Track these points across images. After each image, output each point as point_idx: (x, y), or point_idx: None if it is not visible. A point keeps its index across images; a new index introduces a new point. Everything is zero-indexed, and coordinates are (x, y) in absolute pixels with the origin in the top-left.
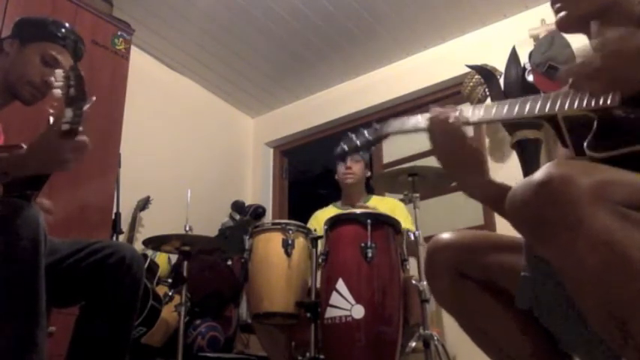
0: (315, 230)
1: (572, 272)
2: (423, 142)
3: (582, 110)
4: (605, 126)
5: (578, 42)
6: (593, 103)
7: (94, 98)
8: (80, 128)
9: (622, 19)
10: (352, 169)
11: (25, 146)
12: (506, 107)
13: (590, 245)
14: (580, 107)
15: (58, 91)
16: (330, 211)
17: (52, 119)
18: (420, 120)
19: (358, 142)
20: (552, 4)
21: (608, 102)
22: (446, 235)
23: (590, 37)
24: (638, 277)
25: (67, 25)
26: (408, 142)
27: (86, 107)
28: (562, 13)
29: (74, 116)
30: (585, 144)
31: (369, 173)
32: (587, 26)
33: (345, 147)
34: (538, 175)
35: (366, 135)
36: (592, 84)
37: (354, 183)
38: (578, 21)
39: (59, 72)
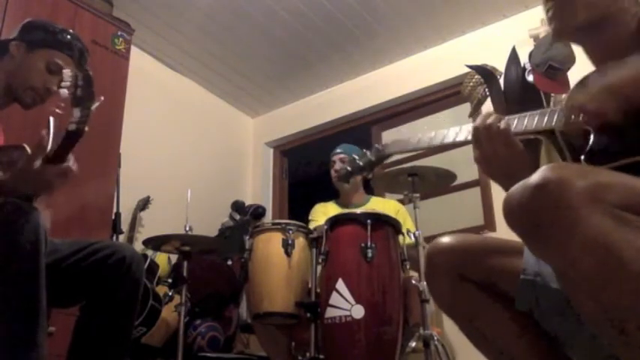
0: (315, 228)
1: (569, 274)
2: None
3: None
4: (601, 138)
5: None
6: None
7: (102, 98)
8: (86, 129)
9: (616, 32)
10: (340, 169)
11: (26, 146)
12: (515, 122)
13: (586, 247)
14: (577, 120)
15: (65, 91)
16: (330, 206)
17: (53, 121)
18: (423, 138)
19: (361, 163)
20: (547, 12)
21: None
22: (446, 238)
23: (585, 48)
24: (634, 278)
25: (74, 34)
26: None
27: (94, 107)
28: (557, 23)
29: (81, 116)
30: (583, 157)
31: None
32: (583, 37)
33: (349, 168)
34: (534, 177)
35: (369, 156)
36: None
37: (345, 185)
38: (574, 31)
39: (67, 72)
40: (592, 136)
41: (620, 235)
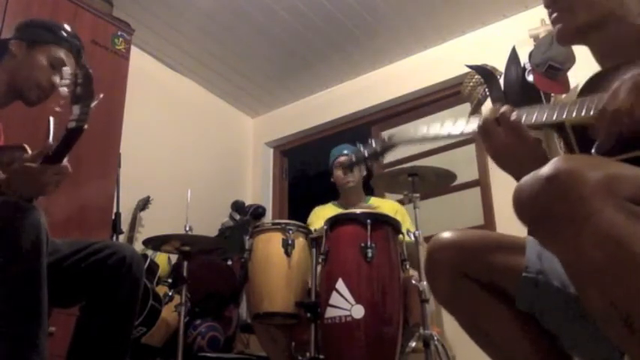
0: (314, 230)
1: (578, 267)
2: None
3: (592, 117)
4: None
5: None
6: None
7: (102, 95)
8: (86, 126)
9: (620, 30)
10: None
11: (26, 146)
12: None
13: (596, 240)
14: (589, 114)
15: (64, 89)
16: (329, 209)
17: (53, 121)
18: (427, 130)
19: (366, 153)
20: (550, 16)
21: None
22: (446, 235)
23: (591, 48)
24: None
25: (69, 30)
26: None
27: (93, 105)
28: (559, 26)
29: (81, 114)
30: (593, 149)
31: (365, 172)
32: (586, 37)
33: (353, 157)
34: (545, 169)
35: (374, 145)
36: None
37: (353, 186)
38: (576, 32)
39: (66, 70)
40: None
41: (632, 229)
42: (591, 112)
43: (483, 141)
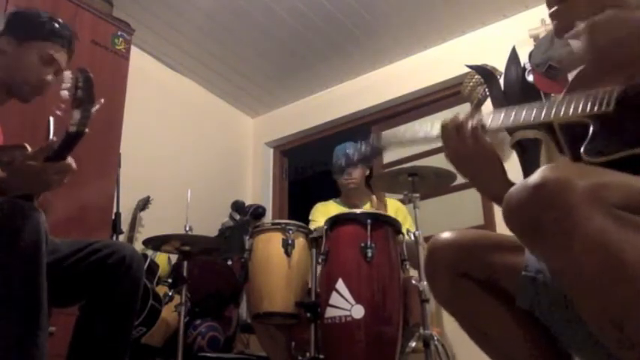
0: (314, 226)
1: (569, 275)
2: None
3: (578, 116)
4: (600, 131)
5: (578, 41)
6: (588, 109)
7: (102, 101)
8: (86, 130)
9: None
10: (352, 175)
11: (27, 146)
12: (502, 115)
13: (586, 248)
14: (576, 113)
15: (65, 93)
16: (330, 206)
17: (53, 121)
18: (419, 129)
19: (356, 156)
20: (549, 9)
21: (604, 107)
22: (446, 235)
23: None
24: (634, 279)
25: (61, 21)
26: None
27: (94, 110)
28: (559, 21)
29: (81, 118)
30: (582, 150)
31: (368, 172)
32: None
33: (343, 161)
34: (533, 178)
35: (364, 148)
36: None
37: (355, 187)
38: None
39: (67, 74)
40: (591, 128)
41: (621, 236)
42: (579, 110)
43: (442, 143)
